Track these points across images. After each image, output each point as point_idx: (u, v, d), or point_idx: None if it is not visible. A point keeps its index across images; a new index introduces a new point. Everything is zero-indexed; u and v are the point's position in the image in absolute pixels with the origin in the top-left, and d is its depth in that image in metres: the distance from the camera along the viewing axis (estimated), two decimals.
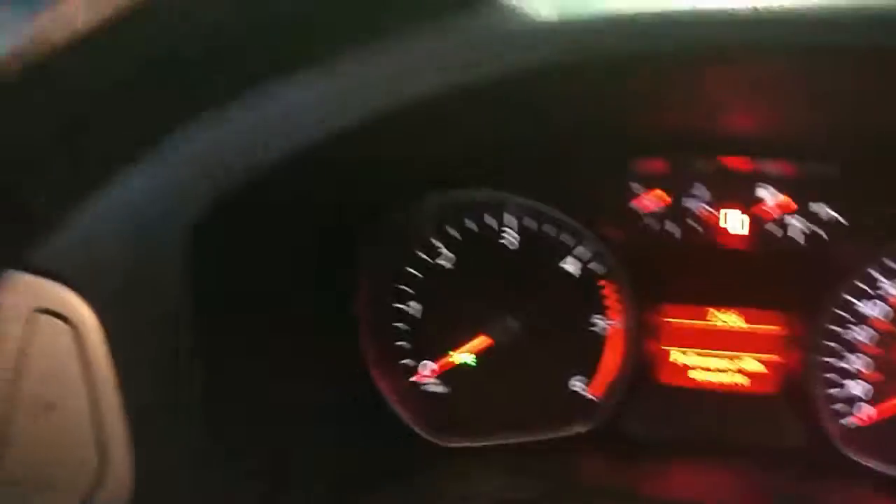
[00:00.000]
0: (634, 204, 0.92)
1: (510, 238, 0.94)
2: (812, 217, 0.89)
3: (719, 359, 0.95)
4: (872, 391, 0.91)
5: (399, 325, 0.98)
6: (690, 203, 0.91)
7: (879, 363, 0.90)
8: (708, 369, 0.95)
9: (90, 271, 0.66)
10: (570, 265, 0.94)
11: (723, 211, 0.91)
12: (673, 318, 0.95)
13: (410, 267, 0.96)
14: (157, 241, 0.66)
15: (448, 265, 0.95)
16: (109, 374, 0.66)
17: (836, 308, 0.90)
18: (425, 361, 0.99)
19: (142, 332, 0.69)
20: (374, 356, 0.97)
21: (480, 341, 0.97)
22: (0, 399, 0.66)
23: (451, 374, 0.99)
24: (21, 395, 0.67)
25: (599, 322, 0.95)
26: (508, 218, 0.93)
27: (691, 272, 0.93)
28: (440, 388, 1.00)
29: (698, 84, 0.68)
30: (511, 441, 0.97)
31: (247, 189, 0.65)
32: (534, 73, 0.59)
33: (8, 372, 0.67)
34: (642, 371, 0.95)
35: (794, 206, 0.89)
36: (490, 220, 0.94)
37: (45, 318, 0.66)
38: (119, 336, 0.66)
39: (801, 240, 0.89)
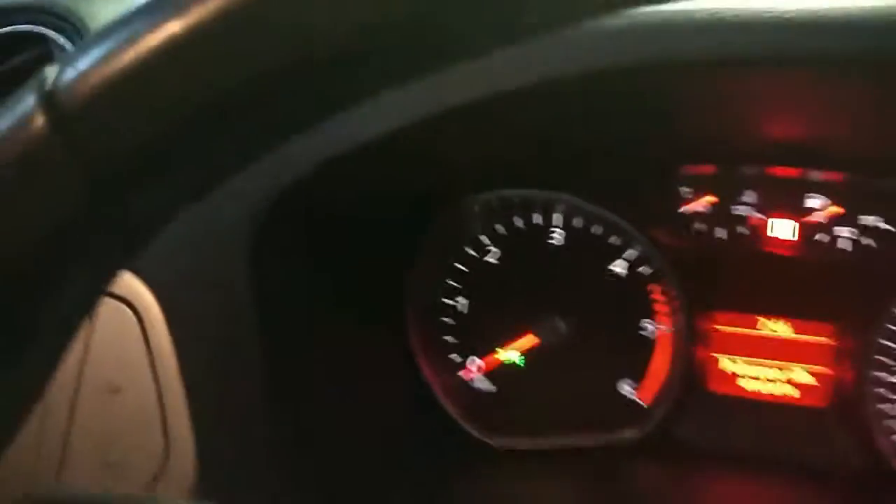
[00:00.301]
0: (684, 208, 0.94)
1: (558, 237, 0.97)
2: (862, 226, 0.90)
3: (768, 368, 0.94)
4: None
5: (446, 319, 1.00)
6: (739, 209, 0.94)
7: None
8: (757, 378, 0.95)
9: (156, 259, 0.70)
10: (619, 267, 0.97)
11: (771, 218, 0.93)
12: (722, 324, 0.95)
13: (459, 262, 0.99)
14: (222, 230, 0.71)
15: (496, 262, 0.98)
16: (172, 360, 0.69)
17: (887, 321, 0.89)
18: (473, 357, 1.01)
19: (203, 320, 0.73)
20: (421, 349, 0.99)
21: (528, 340, 0.98)
22: (67, 382, 0.71)
23: (499, 373, 1.00)
24: (87, 378, 0.71)
25: (648, 326, 0.97)
26: (557, 217, 0.97)
27: (740, 279, 0.94)
28: (488, 386, 1.01)
29: (755, 90, 0.72)
30: (561, 444, 0.96)
31: (312, 182, 0.70)
32: (618, 73, 0.63)
33: (75, 355, 0.71)
34: (691, 377, 0.96)
35: (844, 214, 0.90)
36: (538, 219, 0.97)
37: (111, 302, 0.71)
38: (181, 323, 0.71)
39: (850, 248, 0.90)
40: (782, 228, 0.93)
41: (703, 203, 0.95)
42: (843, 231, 0.91)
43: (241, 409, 0.73)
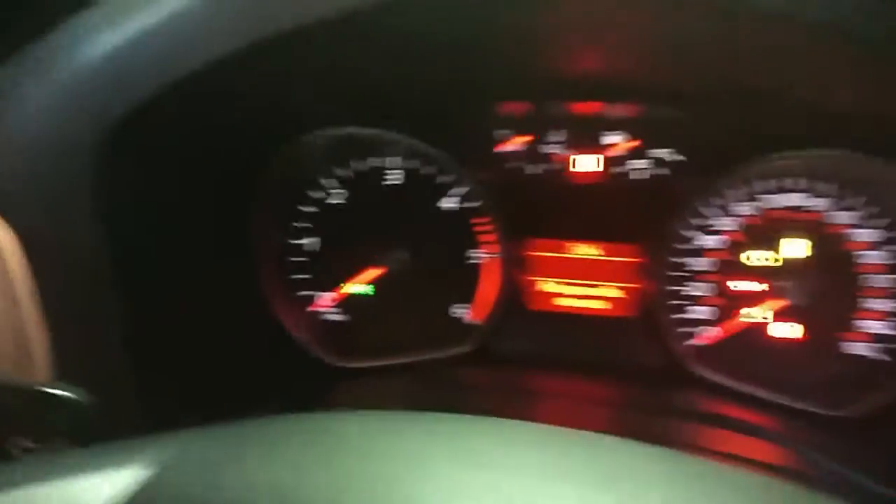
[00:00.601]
0: (500, 148, 1.05)
1: (395, 177, 1.07)
2: (656, 157, 1.02)
3: (581, 287, 1.06)
4: (715, 314, 1.02)
5: (297, 258, 1.09)
6: (548, 147, 1.04)
7: (720, 289, 1.02)
8: (571, 296, 1.06)
9: (5, 186, 0.73)
10: (449, 203, 1.07)
11: (577, 154, 1.04)
12: (539, 251, 1.07)
13: (304, 204, 1.08)
14: (67, 157, 0.72)
15: (340, 202, 1.08)
16: (26, 283, 0.73)
17: (677, 240, 1.01)
18: (323, 293, 1.11)
19: (55, 246, 0.75)
20: (272, 288, 1.07)
21: (373, 271, 1.08)
22: None
23: (349, 303, 1.10)
24: None
25: (475, 255, 1.07)
26: (392, 159, 1.06)
27: (552, 210, 1.05)
28: (339, 317, 1.11)
29: (556, 26, 0.81)
30: (401, 361, 1.07)
31: (149, 110, 0.73)
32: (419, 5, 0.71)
33: None
34: (514, 298, 1.07)
35: (641, 146, 1.02)
36: (376, 161, 1.06)
37: None
38: (34, 249, 0.73)
39: (646, 178, 1.02)
40: (587, 163, 1.04)
41: (516, 143, 1.05)
42: (640, 163, 1.03)
43: (94, 331, 0.79)
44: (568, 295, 1.06)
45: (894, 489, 0.78)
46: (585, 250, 1.05)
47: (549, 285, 1.06)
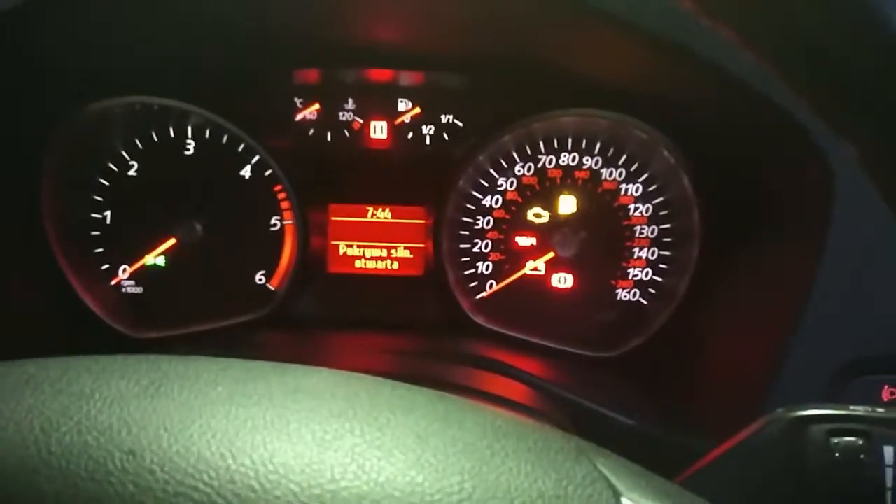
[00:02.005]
0: (296, 116, 1.08)
1: (192, 148, 1.08)
2: (439, 123, 1.08)
3: (378, 249, 1.11)
4: (496, 269, 1.09)
5: (94, 232, 1.09)
6: (343, 115, 1.09)
7: (501, 245, 1.09)
8: (367, 258, 1.11)
9: None
10: (247, 172, 1.09)
11: (370, 121, 1.09)
12: (337, 216, 1.11)
13: (99, 176, 1.07)
14: None
15: (138, 173, 1.08)
16: None
17: (460, 200, 1.08)
18: (123, 266, 1.11)
19: None
20: (67, 261, 1.06)
21: (169, 244, 1.09)
22: None
23: (146, 275, 1.10)
24: None
25: (276, 222, 1.10)
26: (190, 129, 1.07)
27: (348, 176, 1.10)
28: (138, 289, 1.11)
29: None
30: (197, 329, 1.08)
31: None
32: None
33: None
34: (314, 263, 1.10)
35: (425, 114, 1.07)
36: (173, 131, 1.07)
37: None
38: None
39: (427, 143, 1.08)
40: (378, 129, 1.09)
41: (312, 111, 1.09)
42: (424, 129, 1.08)
43: None
44: (366, 258, 1.11)
45: (644, 421, 0.88)
46: (380, 214, 1.10)
47: (349, 249, 1.11)
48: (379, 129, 1.08)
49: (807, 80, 0.31)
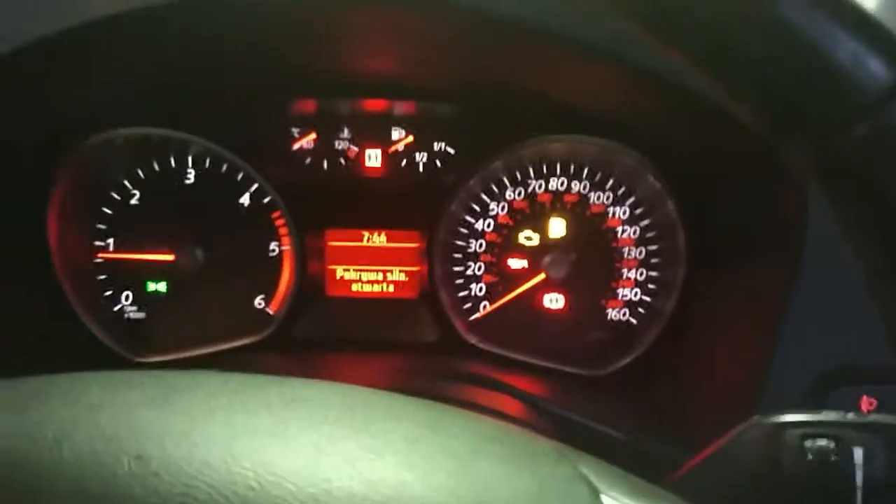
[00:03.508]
0: (293, 145, 1.12)
1: (193, 177, 1.11)
2: (431, 151, 1.11)
3: (374, 273, 1.14)
4: (489, 291, 1.12)
5: (98, 260, 1.12)
6: (338, 143, 1.12)
7: (494, 268, 1.12)
8: (364, 281, 1.14)
9: None
10: (246, 199, 1.12)
11: (364, 149, 1.12)
12: (334, 241, 1.14)
13: (103, 205, 1.11)
14: None
15: (137, 202, 1.11)
16: None
17: (453, 224, 1.11)
18: (126, 292, 1.14)
19: None
20: (72, 289, 1.09)
21: (171, 270, 1.12)
22: None
23: (148, 301, 1.13)
24: None
25: (274, 247, 1.13)
26: (191, 159, 1.11)
27: (344, 202, 1.13)
28: (139, 315, 1.14)
29: (344, 31, 0.88)
30: (198, 353, 1.11)
31: None
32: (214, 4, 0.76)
33: None
34: (312, 287, 1.13)
35: (418, 142, 1.11)
36: (174, 161, 1.10)
37: None
38: None
39: (421, 170, 1.11)
40: (373, 157, 1.12)
41: (309, 140, 1.12)
42: (418, 156, 1.12)
43: None
44: (362, 281, 1.14)
45: (633, 435, 0.90)
46: (376, 238, 1.13)
47: (346, 273, 1.14)
48: (373, 157, 1.12)
49: (742, 95, 0.34)
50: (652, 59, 0.73)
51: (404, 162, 1.12)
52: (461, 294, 1.13)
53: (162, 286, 1.12)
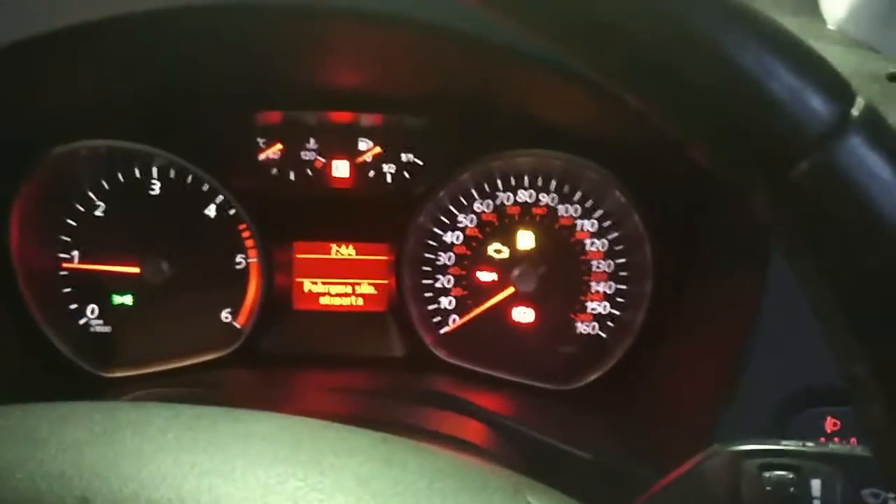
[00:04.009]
0: (259, 156, 1.11)
1: (158, 188, 1.10)
2: (399, 162, 1.11)
3: (342, 286, 1.13)
4: (458, 304, 1.12)
5: (62, 273, 1.10)
6: (306, 154, 1.11)
7: (462, 281, 1.12)
8: (332, 294, 1.13)
9: None
10: (212, 211, 1.11)
11: (331, 160, 1.11)
12: (301, 253, 1.13)
13: (67, 217, 1.09)
14: None
15: (102, 214, 1.09)
16: None
17: (421, 237, 1.11)
18: (91, 305, 1.12)
19: None
20: (34, 302, 1.07)
21: (136, 283, 1.11)
22: None
23: (113, 314, 1.11)
24: None
25: (240, 260, 1.12)
26: (156, 170, 1.09)
27: (311, 214, 1.12)
28: (105, 328, 1.12)
29: (309, 41, 0.87)
30: (164, 368, 1.09)
31: None
32: (190, 14, 0.75)
33: None
34: (280, 300, 1.12)
35: (385, 153, 1.11)
36: (139, 172, 1.09)
37: None
38: None
39: (389, 181, 1.11)
40: (340, 168, 1.12)
41: (275, 150, 1.11)
42: (385, 167, 1.11)
43: None
44: (331, 294, 1.13)
45: (600, 454, 0.90)
46: (344, 251, 1.12)
47: (314, 286, 1.13)
48: (341, 168, 1.11)
49: (688, 134, 0.33)
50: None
51: (372, 173, 1.11)
52: (430, 307, 1.12)
53: (128, 299, 1.11)
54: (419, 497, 0.35)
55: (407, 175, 1.11)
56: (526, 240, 1.10)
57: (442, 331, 1.12)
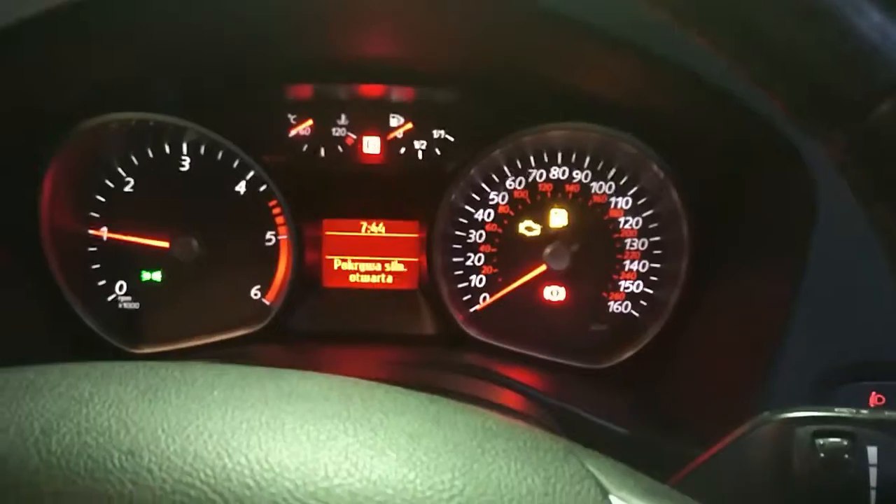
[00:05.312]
0: (290, 133, 1.10)
1: (188, 164, 1.09)
2: (430, 137, 1.09)
3: (372, 263, 1.12)
4: (489, 282, 1.10)
5: (91, 249, 1.10)
6: (336, 130, 1.10)
7: (494, 259, 1.10)
8: (362, 272, 1.12)
9: None
10: (242, 188, 1.10)
11: (362, 136, 1.10)
12: (331, 230, 1.12)
13: (97, 192, 1.09)
14: None
15: (132, 190, 1.09)
16: None
17: (453, 214, 1.09)
18: (120, 282, 1.12)
19: None
20: (65, 278, 1.06)
21: (165, 259, 1.10)
22: None
23: (142, 291, 1.11)
24: None
25: (271, 237, 1.11)
26: (186, 146, 1.08)
27: (342, 191, 1.11)
28: (133, 305, 1.12)
29: (342, 12, 0.86)
30: (193, 344, 1.09)
31: None
32: None
33: None
34: (309, 278, 1.11)
35: (416, 129, 1.09)
36: (169, 147, 1.08)
37: None
38: None
39: (420, 157, 1.09)
40: (371, 144, 1.10)
41: (306, 127, 1.10)
42: (417, 143, 1.10)
43: None
44: (360, 272, 1.12)
45: (636, 431, 0.89)
46: (374, 228, 1.11)
47: (344, 263, 1.12)
48: (372, 145, 1.10)
49: (770, 79, 0.32)
50: (670, 48, 0.71)
51: (403, 149, 1.10)
52: (461, 285, 1.11)
53: (157, 275, 1.10)
54: (472, 455, 0.34)
55: (438, 151, 1.09)
56: (558, 217, 1.08)
57: (472, 309, 1.10)
